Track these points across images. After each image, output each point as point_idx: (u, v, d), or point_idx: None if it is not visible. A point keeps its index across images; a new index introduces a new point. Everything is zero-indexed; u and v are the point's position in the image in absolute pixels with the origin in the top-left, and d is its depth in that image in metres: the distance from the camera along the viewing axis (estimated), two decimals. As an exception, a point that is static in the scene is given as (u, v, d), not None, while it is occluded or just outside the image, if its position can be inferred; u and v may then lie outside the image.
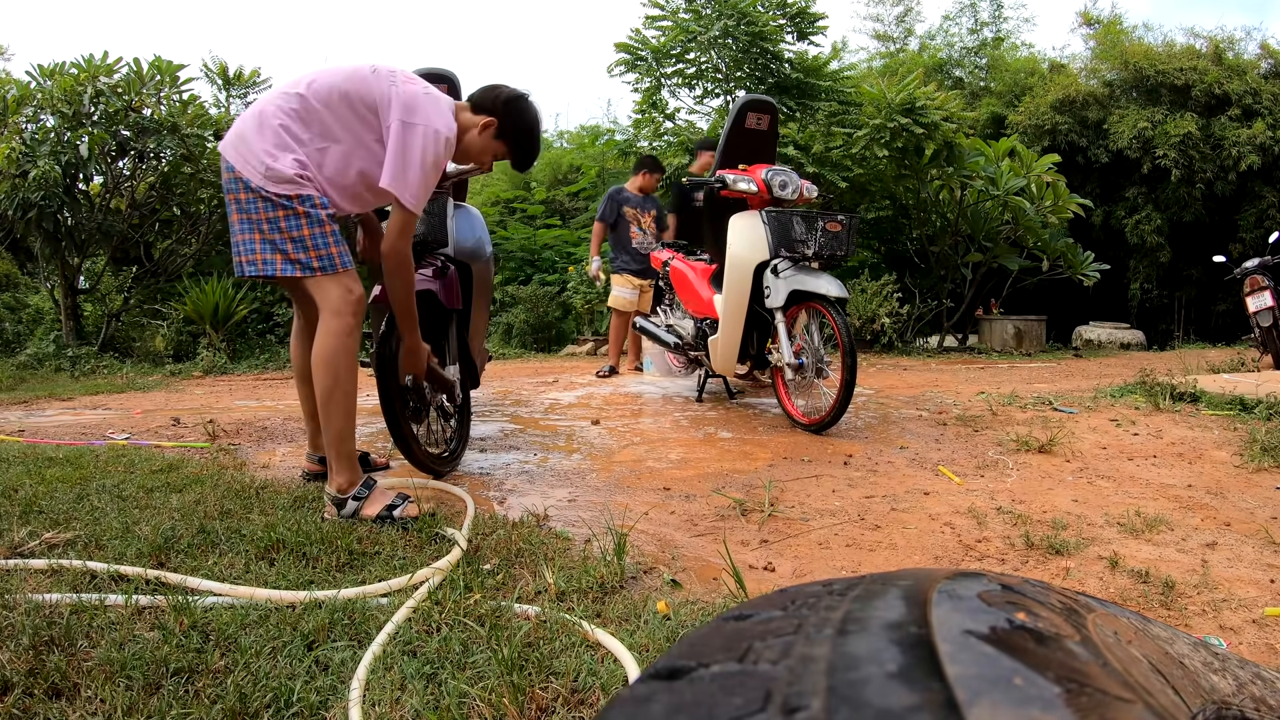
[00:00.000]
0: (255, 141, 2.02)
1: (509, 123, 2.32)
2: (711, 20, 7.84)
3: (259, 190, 2.00)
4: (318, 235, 2.03)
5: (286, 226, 2.01)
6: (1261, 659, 1.46)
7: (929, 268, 9.17)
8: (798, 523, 2.21)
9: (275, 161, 1.99)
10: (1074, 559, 1.92)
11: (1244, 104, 10.42)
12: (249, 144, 2.02)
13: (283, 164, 2.00)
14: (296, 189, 2.02)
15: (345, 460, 2.10)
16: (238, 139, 2.05)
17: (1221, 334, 10.99)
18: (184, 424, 3.68)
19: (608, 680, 1.23)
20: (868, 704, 0.30)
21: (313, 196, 2.04)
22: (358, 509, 2.07)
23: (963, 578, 0.44)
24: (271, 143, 2.02)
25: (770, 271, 3.41)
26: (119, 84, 6.78)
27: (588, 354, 8.27)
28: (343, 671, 1.26)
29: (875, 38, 16.22)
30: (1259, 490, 2.52)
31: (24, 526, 1.90)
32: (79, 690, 1.18)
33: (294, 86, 2.10)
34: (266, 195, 1.99)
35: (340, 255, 2.07)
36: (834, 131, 8.14)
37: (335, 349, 2.05)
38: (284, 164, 2.00)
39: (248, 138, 2.03)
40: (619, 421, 3.76)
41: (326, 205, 2.08)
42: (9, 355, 7.10)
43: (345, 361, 2.06)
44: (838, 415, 3.29)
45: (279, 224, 2.01)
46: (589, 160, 11.08)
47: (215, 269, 8.11)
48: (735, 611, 0.43)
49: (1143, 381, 4.31)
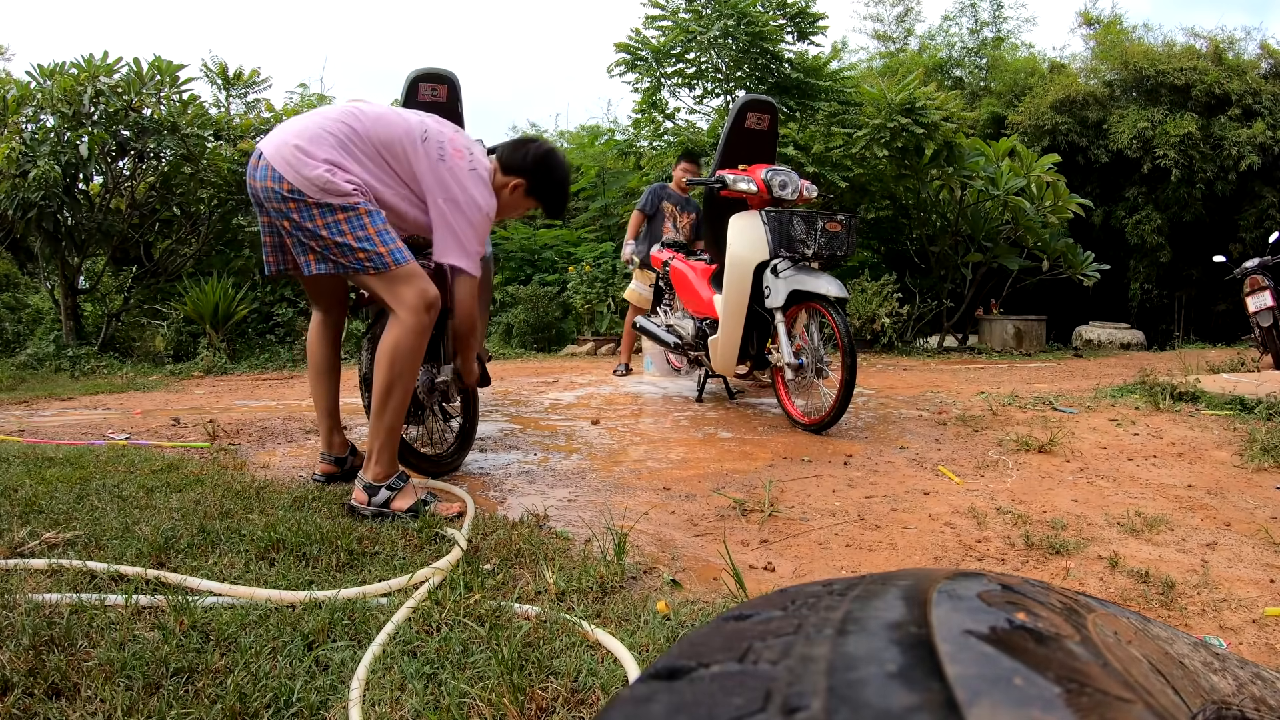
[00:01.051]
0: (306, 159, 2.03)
1: (538, 181, 2.41)
2: (711, 20, 7.84)
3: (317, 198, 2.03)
4: (384, 233, 2.08)
5: (351, 228, 2.05)
6: (1261, 659, 1.46)
7: (929, 268, 9.17)
8: (798, 523, 2.21)
9: (332, 178, 2.04)
10: (1074, 559, 1.92)
11: (1244, 104, 10.41)
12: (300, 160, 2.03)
13: (339, 180, 2.04)
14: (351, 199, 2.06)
15: (389, 453, 2.17)
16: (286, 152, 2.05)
17: (1221, 334, 10.99)
18: (184, 424, 3.68)
19: (608, 680, 1.23)
20: (867, 704, 0.30)
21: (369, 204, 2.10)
22: (389, 499, 2.13)
23: (963, 578, 0.44)
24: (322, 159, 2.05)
25: (770, 271, 3.41)
26: (119, 84, 6.78)
27: (588, 354, 8.26)
28: (343, 671, 1.26)
29: (875, 38, 16.22)
30: (1259, 490, 2.52)
31: (24, 526, 1.90)
32: (79, 690, 1.18)
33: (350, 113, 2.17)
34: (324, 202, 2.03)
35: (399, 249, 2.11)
36: (834, 131, 8.14)
37: (409, 347, 2.10)
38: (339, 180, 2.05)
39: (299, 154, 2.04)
40: (619, 421, 3.76)
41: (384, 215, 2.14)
42: (9, 355, 7.10)
43: (413, 360, 2.13)
44: (838, 415, 3.29)
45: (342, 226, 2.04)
46: (589, 160, 11.08)
47: (215, 269, 8.10)
48: (735, 611, 0.43)
49: (1143, 381, 4.31)
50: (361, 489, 2.15)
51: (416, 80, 3.37)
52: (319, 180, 2.02)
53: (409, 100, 3.29)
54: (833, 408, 3.28)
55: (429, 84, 3.36)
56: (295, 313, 8.10)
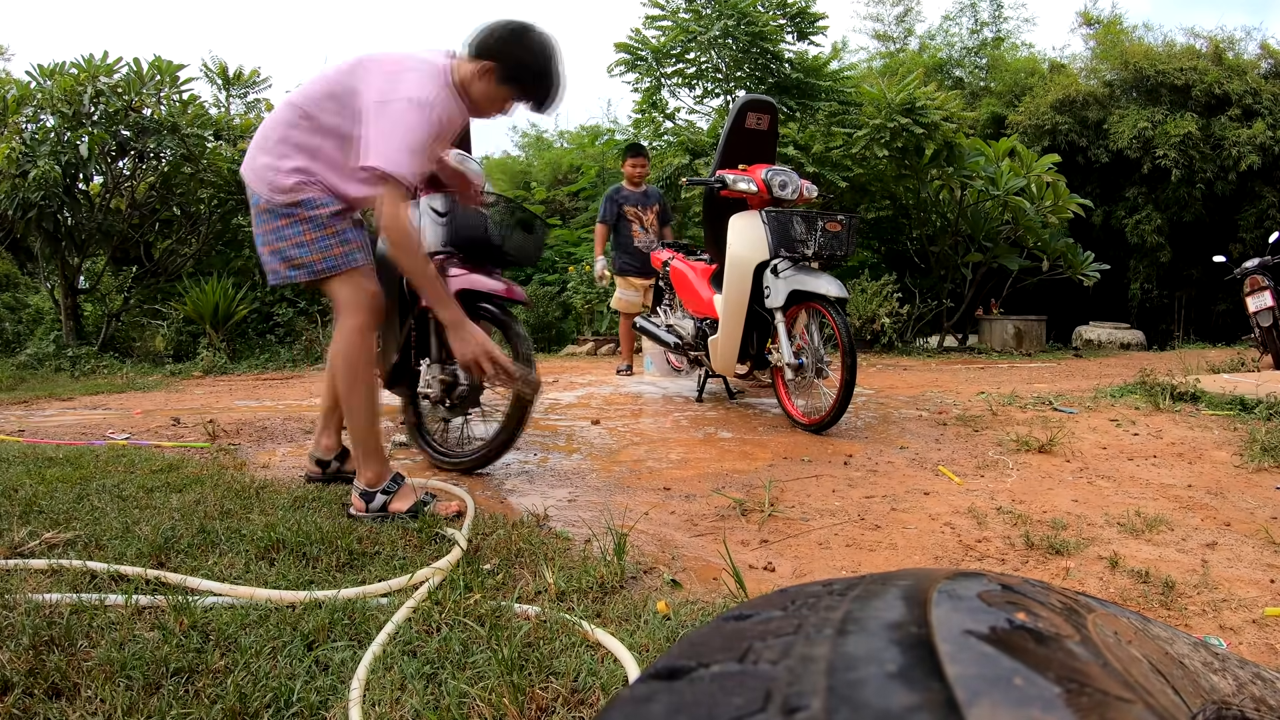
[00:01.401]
0: (260, 157, 2.08)
1: (509, 64, 2.10)
2: (711, 20, 7.84)
3: (267, 203, 2.07)
4: (320, 239, 2.07)
5: (291, 234, 2.06)
6: (1261, 659, 1.46)
7: (929, 268, 9.17)
8: (798, 523, 2.21)
9: (276, 175, 2.05)
10: (1074, 559, 1.92)
11: (1244, 104, 10.41)
12: (256, 161, 2.09)
13: (282, 176, 2.05)
14: (296, 195, 2.05)
15: (371, 455, 2.12)
16: (250, 159, 2.12)
17: (1221, 334, 10.98)
18: (184, 424, 3.68)
19: (608, 680, 1.23)
20: (867, 704, 0.30)
21: (313, 199, 2.07)
22: (386, 503, 2.09)
23: (963, 578, 0.44)
24: (275, 155, 2.07)
25: (770, 271, 3.41)
26: (119, 84, 6.78)
27: (588, 354, 8.27)
28: (343, 671, 1.26)
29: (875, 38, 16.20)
30: (1259, 490, 2.52)
31: (24, 526, 1.90)
32: (79, 690, 1.18)
33: (290, 99, 2.14)
34: (272, 207, 2.06)
35: (346, 255, 2.09)
36: (834, 131, 8.14)
37: (352, 348, 2.08)
38: (283, 175, 2.05)
39: (255, 155, 2.10)
40: (619, 421, 3.76)
41: (330, 204, 2.09)
42: (9, 355, 7.10)
43: (363, 359, 2.09)
44: (838, 415, 3.29)
45: (283, 232, 2.06)
46: (589, 160, 11.08)
47: (215, 269, 8.10)
48: (735, 611, 0.43)
49: (1143, 381, 4.31)
50: (358, 496, 2.12)
51: None
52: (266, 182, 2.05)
53: None
54: (833, 408, 3.28)
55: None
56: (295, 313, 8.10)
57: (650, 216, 5.45)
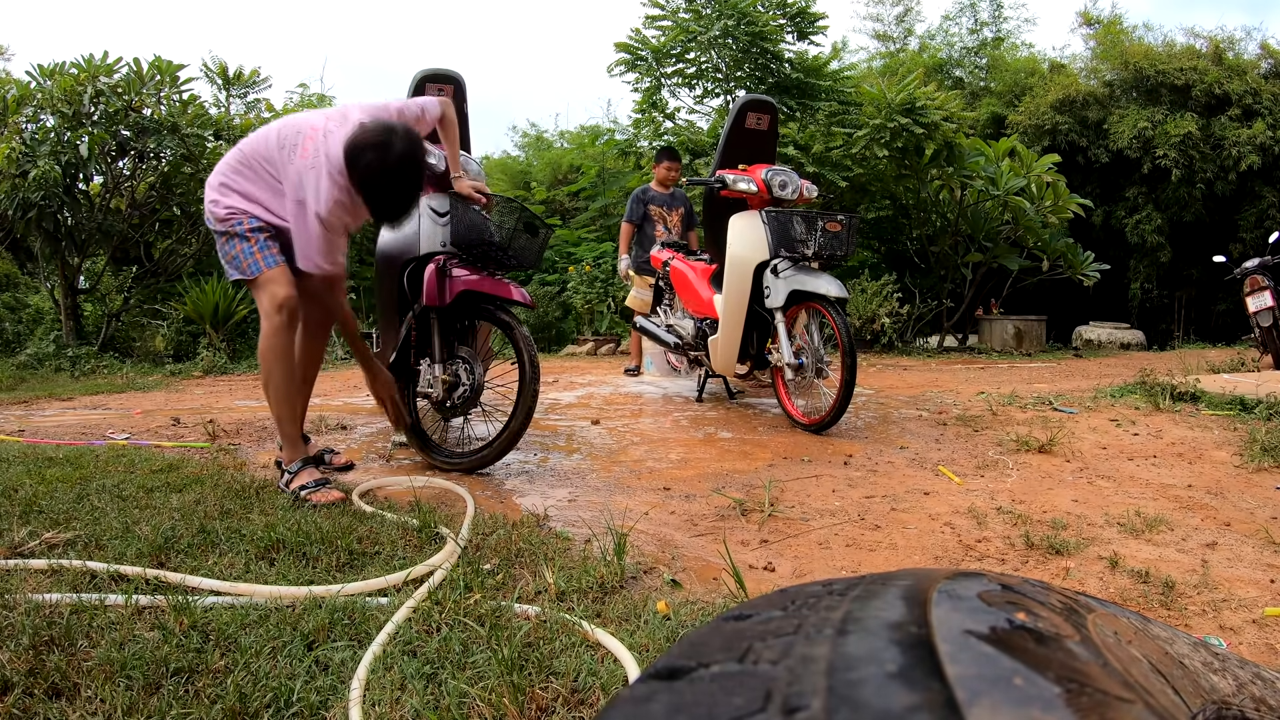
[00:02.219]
0: (209, 192, 2.45)
1: (354, 176, 2.18)
2: (711, 20, 7.84)
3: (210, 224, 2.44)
4: (242, 250, 2.37)
5: (227, 250, 2.41)
6: (1261, 659, 1.46)
7: (929, 268, 9.17)
8: (798, 523, 2.21)
9: (215, 208, 2.41)
10: (1074, 559, 1.92)
11: (1244, 104, 10.41)
12: (206, 193, 2.46)
13: (220, 209, 2.40)
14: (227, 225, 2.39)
15: (287, 439, 2.45)
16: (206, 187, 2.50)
17: (1221, 334, 10.99)
18: (184, 424, 3.68)
19: (608, 680, 1.23)
20: (867, 704, 0.30)
21: (240, 219, 2.38)
22: (289, 480, 2.37)
23: (963, 578, 0.44)
24: (218, 192, 2.42)
25: (770, 271, 3.41)
26: (119, 84, 6.78)
27: (588, 354, 8.27)
28: (343, 671, 1.26)
29: (875, 38, 16.19)
30: (1259, 490, 2.52)
31: (24, 526, 1.90)
32: (79, 690, 1.18)
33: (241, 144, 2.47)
34: (212, 228, 2.45)
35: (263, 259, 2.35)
36: (834, 131, 8.14)
37: (266, 346, 2.35)
38: (220, 209, 2.40)
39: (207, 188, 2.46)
40: (619, 421, 3.76)
41: (254, 222, 2.38)
42: (9, 355, 7.10)
43: (276, 357, 2.36)
44: (838, 415, 3.29)
45: (223, 248, 2.42)
46: (589, 160, 11.08)
47: (215, 269, 8.09)
48: (735, 611, 0.43)
49: (1143, 381, 4.31)
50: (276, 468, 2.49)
51: (424, 80, 3.41)
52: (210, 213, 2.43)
53: None
54: (833, 408, 3.28)
55: (435, 84, 3.39)
56: (295, 313, 8.08)
57: (674, 218, 5.48)
